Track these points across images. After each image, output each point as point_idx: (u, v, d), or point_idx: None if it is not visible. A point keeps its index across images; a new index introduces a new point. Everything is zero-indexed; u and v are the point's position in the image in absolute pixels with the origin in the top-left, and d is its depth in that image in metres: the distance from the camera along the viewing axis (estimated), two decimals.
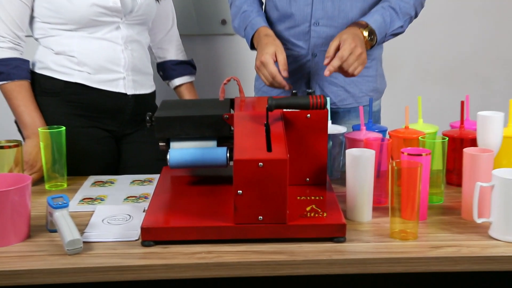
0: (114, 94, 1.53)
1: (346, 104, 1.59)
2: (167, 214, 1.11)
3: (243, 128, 1.14)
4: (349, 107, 1.59)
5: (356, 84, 1.58)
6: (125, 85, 1.54)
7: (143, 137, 1.60)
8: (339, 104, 1.59)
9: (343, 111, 1.60)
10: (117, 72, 1.53)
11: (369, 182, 1.14)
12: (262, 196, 1.03)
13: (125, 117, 1.57)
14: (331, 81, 1.56)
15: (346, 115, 1.60)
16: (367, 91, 1.60)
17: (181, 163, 1.20)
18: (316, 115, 1.20)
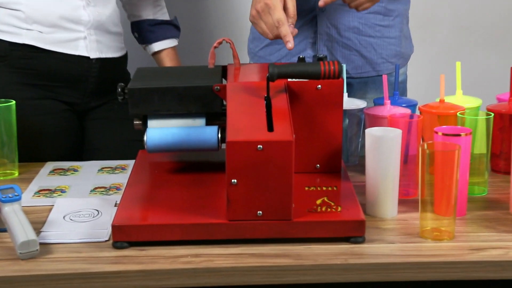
0: (73, 58, 1.53)
1: (361, 73, 1.59)
2: (144, 209, 1.12)
3: (238, 102, 1.14)
4: (365, 76, 1.59)
5: (374, 47, 1.58)
6: (87, 46, 1.54)
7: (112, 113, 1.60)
8: (353, 73, 1.58)
9: (358, 82, 1.60)
10: (76, 31, 1.52)
11: (394, 169, 1.14)
12: (262, 186, 1.04)
13: (89, 87, 1.57)
14: (343, 43, 1.56)
15: (362, 88, 1.60)
16: (389, 56, 1.60)
17: (161, 146, 1.21)
18: (329, 86, 1.20)
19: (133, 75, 1.30)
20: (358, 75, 1.58)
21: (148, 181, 1.24)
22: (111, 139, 1.59)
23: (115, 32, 1.60)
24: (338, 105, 1.21)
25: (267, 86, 1.15)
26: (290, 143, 1.02)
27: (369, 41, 1.56)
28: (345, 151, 1.39)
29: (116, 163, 1.43)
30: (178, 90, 1.20)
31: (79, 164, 1.43)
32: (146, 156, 1.33)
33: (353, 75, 1.58)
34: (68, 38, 1.51)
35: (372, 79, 1.59)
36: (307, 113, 1.21)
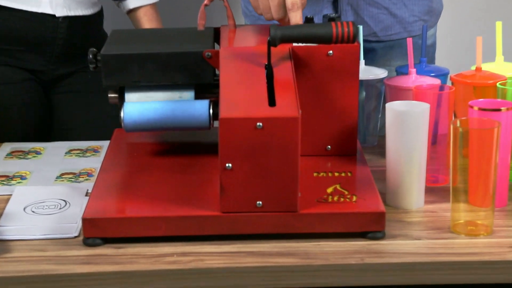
0: (35, 17, 1.53)
1: (391, 34, 1.59)
2: (121, 199, 1.13)
3: (233, 71, 1.14)
4: (396, 38, 1.59)
5: (405, 3, 1.58)
6: (52, 2, 1.53)
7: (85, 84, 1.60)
8: (382, 35, 1.59)
9: (385, 46, 1.60)
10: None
11: (421, 152, 1.15)
12: (262, 171, 1.04)
13: (55, 51, 1.57)
14: (370, 0, 1.56)
15: (388, 53, 1.61)
16: (421, 13, 1.60)
17: (141, 124, 1.21)
18: (342, 52, 1.20)
19: (107, 39, 1.29)
20: (388, 37, 1.58)
21: (125, 166, 1.24)
22: (85, 116, 1.59)
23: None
24: (353, 74, 1.21)
25: (268, 52, 1.15)
26: (295, 120, 1.02)
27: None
28: (362, 129, 1.39)
29: (87, 144, 1.44)
30: (161, 57, 1.20)
31: (42, 146, 1.44)
32: (123, 136, 1.34)
33: (382, 37, 1.58)
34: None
35: (399, 43, 1.59)
36: (316, 85, 1.22)
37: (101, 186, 1.15)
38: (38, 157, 1.38)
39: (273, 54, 1.17)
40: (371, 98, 1.38)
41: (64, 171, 1.32)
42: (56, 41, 1.54)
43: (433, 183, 1.23)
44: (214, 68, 1.22)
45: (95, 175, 1.29)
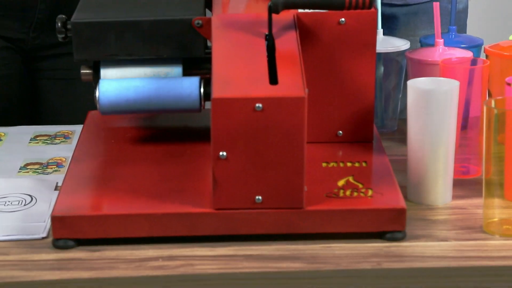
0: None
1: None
2: (97, 194, 1.13)
3: (227, 43, 1.15)
4: (425, 1, 1.59)
5: None
6: None
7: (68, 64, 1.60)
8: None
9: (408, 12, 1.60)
10: None
11: (448, 138, 1.16)
12: (262, 161, 1.05)
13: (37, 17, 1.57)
14: None
15: (411, 20, 1.61)
16: None
17: (120, 105, 1.22)
18: (357, 19, 1.21)
19: (79, 3, 1.30)
20: (417, 0, 1.58)
21: (101, 155, 1.25)
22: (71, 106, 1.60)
23: None
24: (370, 46, 1.22)
25: (269, 20, 1.15)
26: (301, 100, 1.03)
27: None
28: (379, 112, 1.40)
29: (57, 129, 1.44)
30: (143, 25, 1.21)
31: (2, 131, 1.44)
32: (98, 120, 1.34)
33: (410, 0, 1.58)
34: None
35: (425, 7, 1.59)
36: (326, 59, 1.22)
37: (73, 179, 1.16)
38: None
39: (275, 23, 1.17)
40: (391, 75, 1.39)
41: (29, 161, 1.32)
42: (38, 6, 1.54)
43: (463, 174, 1.25)
44: (206, 39, 1.22)
45: (66, 165, 1.30)
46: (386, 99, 1.39)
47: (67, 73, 1.62)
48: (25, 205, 1.18)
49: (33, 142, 1.40)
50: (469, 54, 1.32)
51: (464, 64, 1.23)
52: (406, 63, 1.36)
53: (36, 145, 1.38)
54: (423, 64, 1.32)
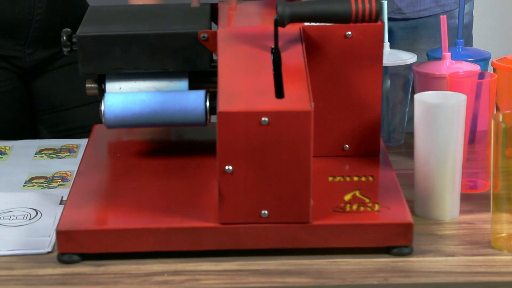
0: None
1: (421, 9, 1.59)
2: (102, 208, 1.13)
3: (233, 56, 1.15)
4: (426, 15, 1.59)
5: None
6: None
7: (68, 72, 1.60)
8: (408, 11, 1.59)
9: (406, 27, 1.60)
10: None
11: (456, 152, 1.16)
12: (268, 175, 1.05)
13: (32, 34, 1.57)
14: None
15: (410, 35, 1.61)
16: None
17: (125, 119, 1.22)
18: (363, 33, 1.21)
19: (84, 17, 1.30)
20: (416, 14, 1.58)
21: (107, 169, 1.25)
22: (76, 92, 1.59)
23: None
24: (376, 60, 1.22)
25: (275, 34, 1.15)
26: (307, 114, 1.03)
27: None
28: (386, 125, 1.40)
29: (62, 143, 1.44)
30: (149, 38, 1.21)
31: (7, 145, 1.44)
32: (104, 133, 1.35)
33: (409, 14, 1.58)
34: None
35: (424, 22, 1.59)
36: (332, 72, 1.22)
37: (78, 193, 1.16)
38: (3, 158, 1.39)
39: (281, 36, 1.17)
40: (397, 88, 1.39)
41: (34, 175, 1.33)
42: (33, 24, 1.54)
43: (471, 189, 1.24)
44: (211, 52, 1.22)
45: (71, 179, 1.30)
46: (393, 112, 1.39)
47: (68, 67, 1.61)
48: (30, 220, 1.18)
49: (38, 156, 1.40)
50: (476, 68, 1.32)
51: (472, 78, 1.23)
52: (413, 77, 1.36)
53: (41, 159, 1.39)
54: (430, 77, 1.31)
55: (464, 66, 1.33)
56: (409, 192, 1.19)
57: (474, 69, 1.31)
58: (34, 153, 1.41)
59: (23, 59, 1.57)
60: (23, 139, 1.47)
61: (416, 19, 1.60)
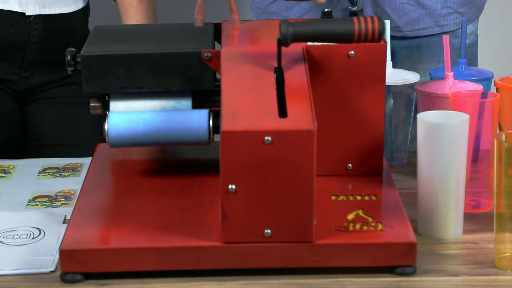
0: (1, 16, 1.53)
1: (419, 28, 1.59)
2: (105, 227, 1.13)
3: (236, 76, 1.15)
4: (425, 34, 1.60)
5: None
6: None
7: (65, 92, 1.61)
8: (407, 29, 1.59)
9: (410, 45, 1.60)
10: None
11: (459, 171, 1.15)
12: (271, 194, 1.05)
13: (28, 57, 1.58)
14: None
15: (414, 54, 1.61)
16: (457, 4, 1.60)
17: (129, 138, 1.22)
18: (366, 52, 1.21)
19: (88, 37, 1.30)
20: (415, 33, 1.58)
21: (110, 188, 1.25)
22: (65, 129, 1.60)
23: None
24: (379, 79, 1.22)
25: (278, 53, 1.16)
26: (310, 133, 1.03)
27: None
28: (389, 145, 1.39)
29: (65, 162, 1.44)
30: (153, 58, 1.22)
31: (11, 163, 1.45)
32: (107, 152, 1.35)
33: (408, 32, 1.58)
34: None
35: (427, 41, 1.60)
36: (335, 91, 1.22)
37: (81, 212, 1.16)
38: (6, 177, 1.39)
39: (284, 55, 1.17)
40: (400, 107, 1.39)
41: (38, 194, 1.33)
42: (29, 46, 1.55)
43: (474, 208, 1.24)
44: (215, 71, 1.23)
45: (74, 198, 1.30)
46: (396, 132, 1.39)
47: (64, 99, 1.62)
48: (33, 239, 1.18)
49: (41, 175, 1.40)
50: (479, 87, 1.32)
51: (474, 97, 1.23)
52: (416, 96, 1.36)
53: (44, 178, 1.39)
54: (433, 97, 1.32)
55: (467, 86, 1.33)
56: (412, 211, 1.19)
57: (477, 88, 1.31)
58: (37, 172, 1.41)
59: (18, 83, 1.57)
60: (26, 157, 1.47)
61: (419, 39, 1.60)
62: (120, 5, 1.65)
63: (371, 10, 1.57)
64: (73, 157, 1.46)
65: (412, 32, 1.60)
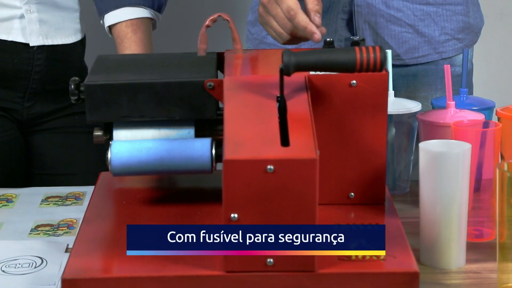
0: (6, 46, 1.54)
1: (419, 56, 1.60)
2: (107, 256, 1.13)
3: (239, 104, 1.15)
4: (424, 61, 1.60)
5: (433, 19, 1.59)
6: (25, 28, 1.55)
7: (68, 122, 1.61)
8: (407, 57, 1.60)
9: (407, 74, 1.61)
10: (8, 7, 1.53)
11: (461, 200, 1.15)
12: (273, 223, 1.04)
13: (31, 86, 1.58)
14: (391, 16, 1.57)
15: (411, 83, 1.61)
16: (454, 31, 1.61)
17: (132, 167, 1.22)
18: (368, 81, 1.21)
19: (92, 65, 1.31)
20: (415, 60, 1.59)
21: (113, 216, 1.24)
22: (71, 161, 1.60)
23: (67, 7, 1.61)
24: (381, 108, 1.22)
25: (281, 82, 1.16)
26: (312, 162, 1.03)
27: (426, 11, 1.58)
28: (391, 173, 1.39)
29: (68, 191, 1.44)
30: (155, 87, 1.22)
31: (14, 192, 1.45)
32: (110, 181, 1.34)
33: (407, 60, 1.59)
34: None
35: (424, 69, 1.60)
36: (337, 120, 1.22)
37: (83, 241, 1.15)
38: (9, 206, 1.39)
39: (287, 85, 1.17)
40: (402, 136, 1.39)
41: (40, 223, 1.32)
42: (32, 75, 1.55)
43: (476, 238, 1.24)
44: (217, 100, 1.23)
45: (77, 227, 1.30)
46: (398, 160, 1.39)
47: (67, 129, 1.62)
48: (35, 268, 1.17)
49: (44, 203, 1.40)
50: (481, 117, 1.31)
51: (476, 127, 1.23)
52: (418, 125, 1.36)
53: (47, 207, 1.38)
54: (434, 126, 1.31)
55: (468, 115, 1.33)
56: (414, 240, 1.18)
57: (478, 118, 1.31)
58: (40, 201, 1.41)
59: (20, 112, 1.58)
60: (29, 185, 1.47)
61: (416, 67, 1.61)
62: (116, 37, 1.66)
63: (370, 39, 1.58)
64: (75, 185, 1.46)
65: (411, 60, 1.60)
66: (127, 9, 1.66)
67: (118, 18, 1.65)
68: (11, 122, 1.58)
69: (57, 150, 1.63)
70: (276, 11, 1.37)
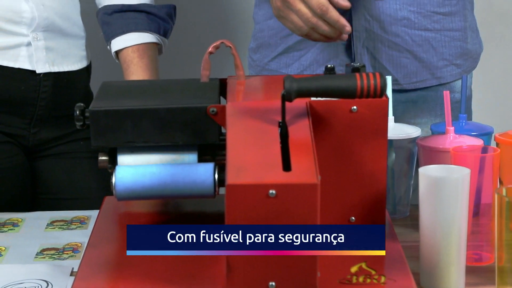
0: (12, 73, 1.55)
1: (417, 81, 1.60)
2: (112, 280, 1.13)
3: (241, 130, 1.16)
4: (422, 86, 1.61)
5: (432, 44, 1.59)
6: (32, 56, 1.56)
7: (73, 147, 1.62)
8: (405, 82, 1.60)
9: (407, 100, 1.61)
10: (15, 35, 1.54)
11: (460, 225, 1.15)
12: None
13: (37, 112, 1.59)
14: (390, 42, 1.57)
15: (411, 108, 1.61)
16: (453, 56, 1.61)
17: (136, 191, 1.22)
18: (368, 107, 1.21)
19: (97, 92, 1.31)
20: (413, 86, 1.59)
21: (117, 240, 1.25)
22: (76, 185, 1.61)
23: (73, 34, 1.62)
24: (381, 133, 1.22)
25: (283, 108, 1.16)
26: (314, 187, 1.03)
27: (425, 36, 1.58)
28: (391, 198, 1.39)
29: (73, 215, 1.44)
30: (159, 113, 1.22)
31: (20, 216, 1.45)
32: (114, 205, 1.35)
33: (405, 85, 1.59)
34: (4, 44, 1.53)
35: (423, 95, 1.60)
36: (338, 145, 1.23)
37: (88, 264, 1.16)
38: (15, 230, 1.39)
39: (288, 110, 1.17)
40: (402, 161, 1.39)
41: (46, 247, 1.33)
42: (38, 102, 1.56)
43: (476, 262, 1.24)
44: (220, 126, 1.23)
45: (82, 251, 1.30)
46: (398, 185, 1.39)
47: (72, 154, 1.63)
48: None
49: (49, 227, 1.40)
50: (479, 142, 1.32)
51: (475, 152, 1.23)
52: (417, 150, 1.37)
53: (52, 231, 1.39)
54: (434, 151, 1.32)
55: (467, 141, 1.33)
56: (414, 264, 1.18)
57: (477, 143, 1.31)
58: (45, 225, 1.41)
59: (27, 138, 1.59)
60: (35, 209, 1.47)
61: (416, 93, 1.61)
62: (122, 63, 1.67)
63: (369, 64, 1.58)
64: (80, 209, 1.47)
65: (410, 85, 1.61)
66: (134, 35, 1.67)
67: (125, 44, 1.66)
68: (17, 148, 1.59)
69: (62, 175, 1.63)
70: (300, 7, 1.38)
